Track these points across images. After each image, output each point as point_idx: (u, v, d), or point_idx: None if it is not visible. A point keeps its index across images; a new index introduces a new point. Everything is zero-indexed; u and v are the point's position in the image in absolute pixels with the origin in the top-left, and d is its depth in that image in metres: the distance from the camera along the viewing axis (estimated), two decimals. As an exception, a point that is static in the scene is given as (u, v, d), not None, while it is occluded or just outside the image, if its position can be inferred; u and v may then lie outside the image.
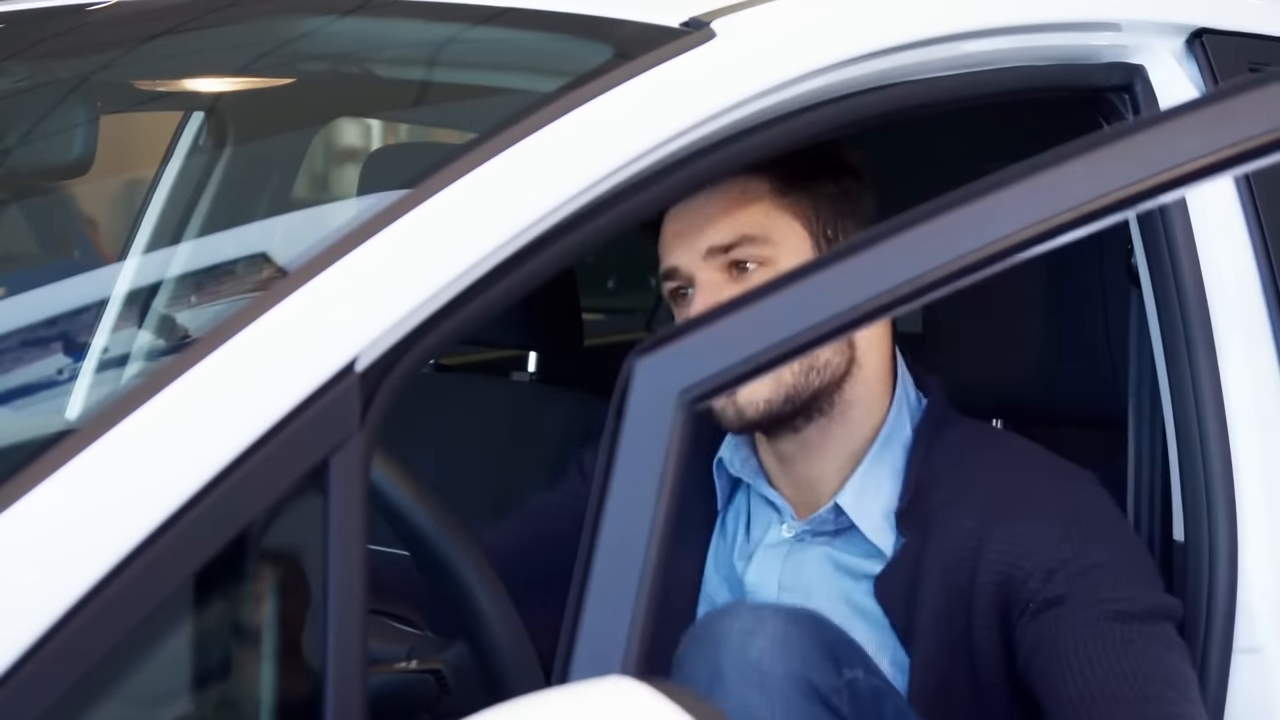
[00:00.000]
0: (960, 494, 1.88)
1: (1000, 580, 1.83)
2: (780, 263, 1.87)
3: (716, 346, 1.25)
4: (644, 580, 1.21)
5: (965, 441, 1.94)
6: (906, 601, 1.86)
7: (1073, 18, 1.90)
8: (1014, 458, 1.93)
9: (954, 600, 1.85)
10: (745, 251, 1.88)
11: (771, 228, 1.88)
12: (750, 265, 1.87)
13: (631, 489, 1.21)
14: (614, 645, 1.19)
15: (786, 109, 1.63)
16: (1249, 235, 1.89)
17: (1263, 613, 1.84)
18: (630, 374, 1.23)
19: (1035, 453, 1.95)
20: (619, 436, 1.22)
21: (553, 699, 1.19)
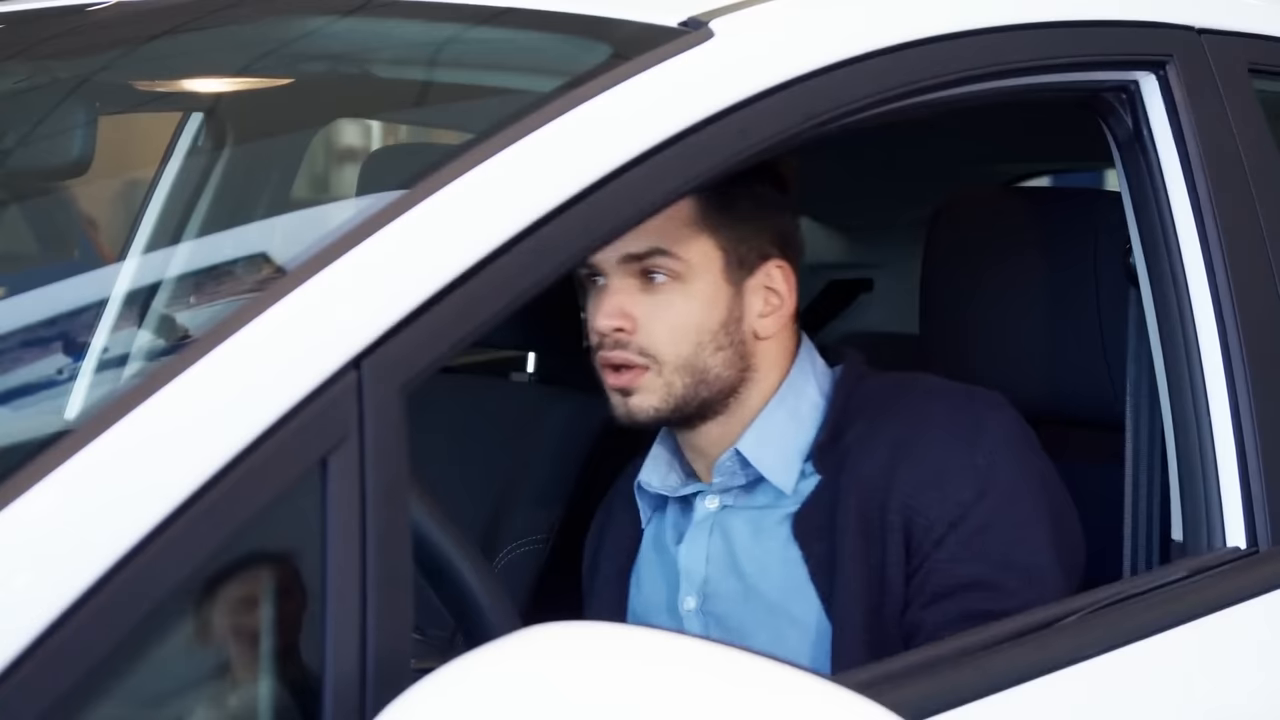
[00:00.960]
0: (871, 430, 1.96)
1: (904, 524, 1.92)
2: (690, 279, 1.95)
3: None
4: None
5: (886, 386, 2.03)
6: (825, 537, 1.94)
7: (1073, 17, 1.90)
8: (923, 392, 2.01)
9: (870, 534, 1.92)
10: (656, 262, 1.95)
11: (687, 244, 1.95)
12: (659, 277, 1.95)
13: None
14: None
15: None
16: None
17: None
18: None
19: (945, 386, 2.02)
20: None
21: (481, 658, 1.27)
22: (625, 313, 1.96)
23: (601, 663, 1.28)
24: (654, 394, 1.97)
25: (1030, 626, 1.68)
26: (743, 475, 2.02)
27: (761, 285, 2.00)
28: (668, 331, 1.95)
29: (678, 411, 1.98)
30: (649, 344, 1.96)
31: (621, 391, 1.98)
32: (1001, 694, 1.60)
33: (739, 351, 1.98)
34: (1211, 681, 1.80)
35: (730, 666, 1.31)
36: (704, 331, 1.96)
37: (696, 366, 1.96)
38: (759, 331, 2.00)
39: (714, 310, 1.96)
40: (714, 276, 1.96)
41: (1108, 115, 1.94)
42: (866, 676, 1.55)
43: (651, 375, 1.96)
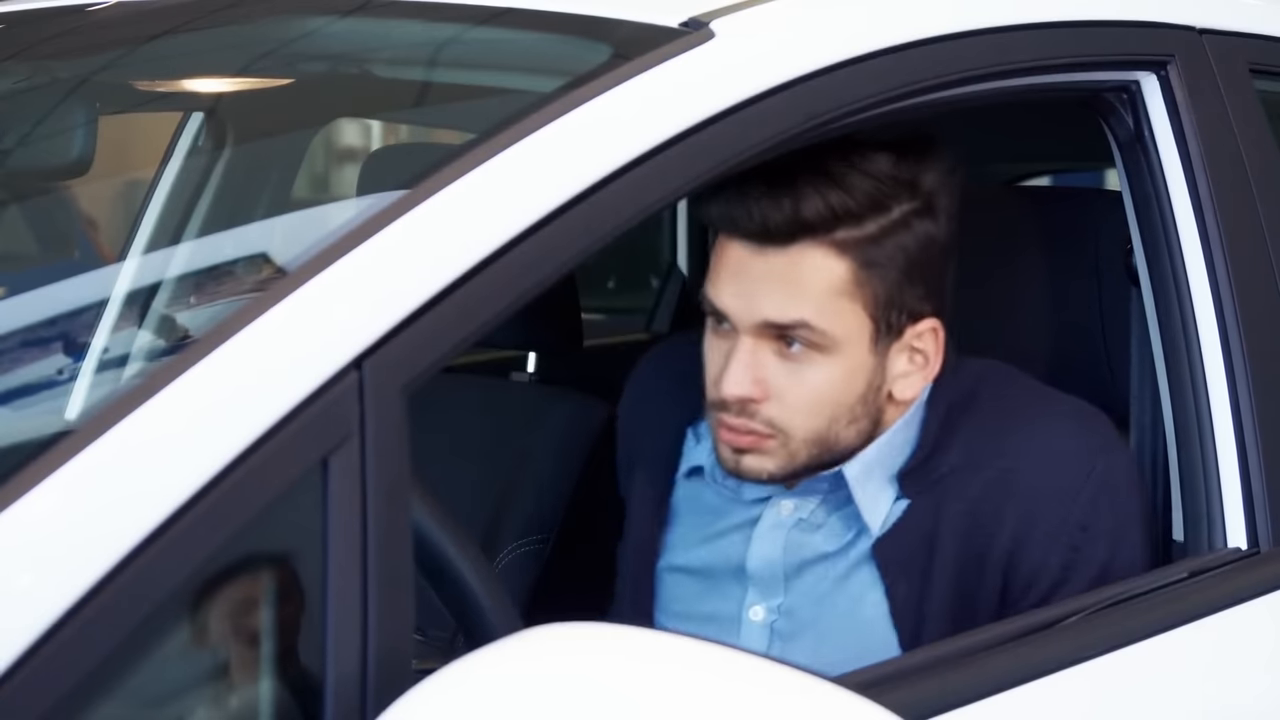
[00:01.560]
0: (970, 459, 1.82)
1: (1006, 568, 1.80)
2: (834, 351, 1.78)
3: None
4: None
5: (980, 395, 1.87)
6: (912, 575, 1.81)
7: (1074, 17, 1.90)
8: (1026, 416, 1.85)
9: (967, 576, 1.80)
10: (801, 335, 1.77)
11: (836, 320, 1.77)
12: (798, 345, 1.78)
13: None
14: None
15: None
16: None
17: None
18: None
19: (1047, 408, 1.87)
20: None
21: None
22: (758, 380, 1.78)
23: (602, 663, 1.28)
24: (773, 460, 1.81)
25: (1030, 627, 1.68)
26: (829, 484, 1.85)
27: (908, 346, 1.82)
28: (803, 404, 1.79)
29: (792, 477, 1.84)
30: (779, 416, 1.79)
31: (735, 449, 1.81)
32: (1002, 694, 1.60)
33: (872, 417, 1.83)
34: (1213, 682, 1.80)
35: (730, 666, 1.31)
36: (841, 405, 1.80)
37: (827, 439, 1.81)
38: (895, 394, 1.83)
39: (855, 382, 1.80)
40: (861, 347, 1.79)
41: (1109, 115, 1.94)
42: (866, 677, 1.55)
43: (776, 444, 1.80)
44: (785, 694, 1.30)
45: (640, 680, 1.27)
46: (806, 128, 1.65)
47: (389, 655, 1.31)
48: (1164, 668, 1.74)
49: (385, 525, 1.32)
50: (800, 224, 1.76)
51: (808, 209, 1.75)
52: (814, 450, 1.81)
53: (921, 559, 1.82)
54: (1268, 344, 1.89)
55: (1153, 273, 1.91)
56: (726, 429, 1.81)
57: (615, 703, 1.25)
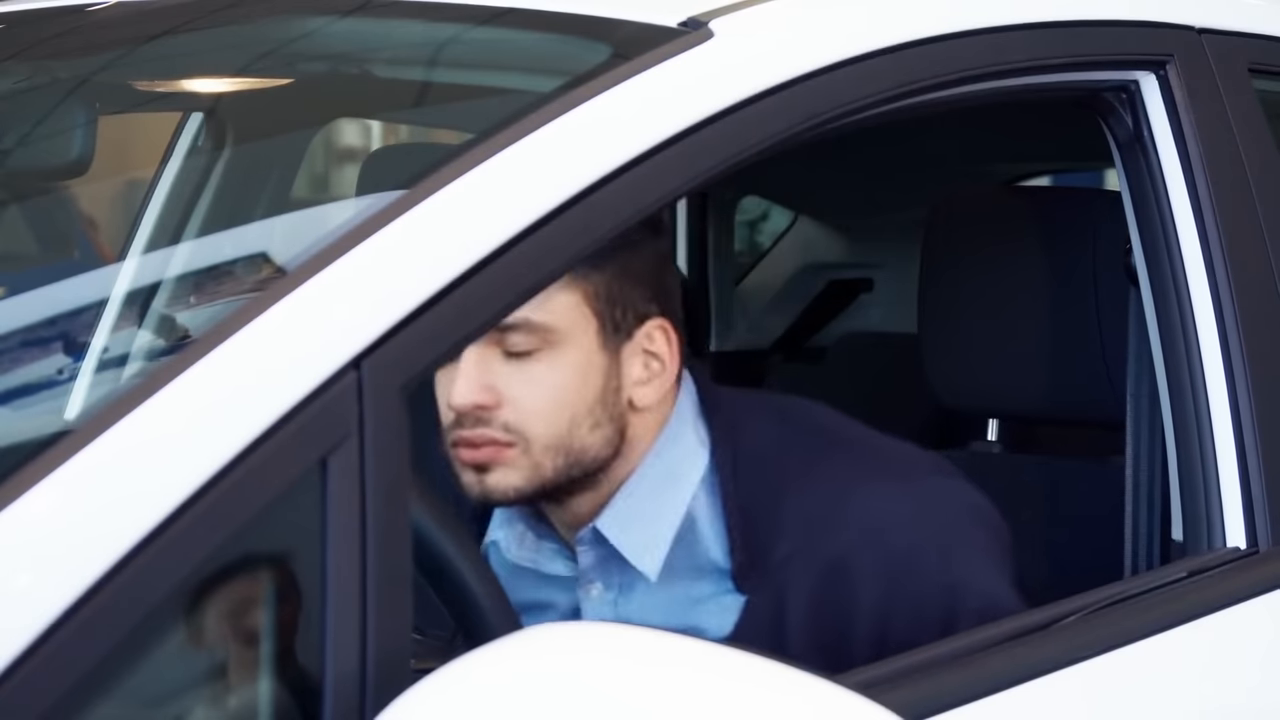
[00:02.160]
0: (807, 541, 1.75)
1: (879, 639, 1.73)
2: (561, 347, 1.73)
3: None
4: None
5: (779, 451, 1.79)
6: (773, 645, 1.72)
7: (1073, 17, 1.90)
8: (852, 479, 1.77)
9: (831, 646, 1.73)
10: (522, 338, 1.72)
11: (554, 312, 1.72)
12: (525, 347, 1.72)
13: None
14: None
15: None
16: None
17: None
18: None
19: (869, 463, 1.80)
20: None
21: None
22: (487, 386, 1.72)
23: (601, 663, 1.28)
24: (517, 473, 1.74)
25: (1030, 626, 1.68)
26: (605, 548, 1.79)
27: (640, 349, 1.77)
28: (537, 407, 1.72)
29: (541, 492, 1.76)
30: (516, 420, 1.73)
31: (477, 468, 1.74)
32: (1001, 694, 1.60)
33: (615, 427, 1.76)
34: (1211, 682, 1.80)
35: (730, 667, 1.31)
36: (579, 406, 1.74)
37: (571, 447, 1.74)
38: (636, 401, 1.77)
39: (589, 381, 1.74)
40: (588, 343, 1.74)
41: (1108, 115, 1.94)
42: (866, 676, 1.55)
43: (516, 453, 1.73)
44: (785, 694, 1.30)
45: (640, 680, 1.27)
46: (805, 127, 1.65)
47: (388, 655, 1.31)
48: (1162, 667, 1.74)
49: (384, 525, 1.32)
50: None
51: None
52: (559, 460, 1.74)
53: (776, 649, 1.68)
54: (1267, 344, 1.89)
55: (1152, 273, 1.91)
56: (464, 446, 1.74)
57: (614, 703, 1.25)
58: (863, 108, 1.69)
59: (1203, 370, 1.87)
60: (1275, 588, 1.84)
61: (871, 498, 1.77)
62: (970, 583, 1.77)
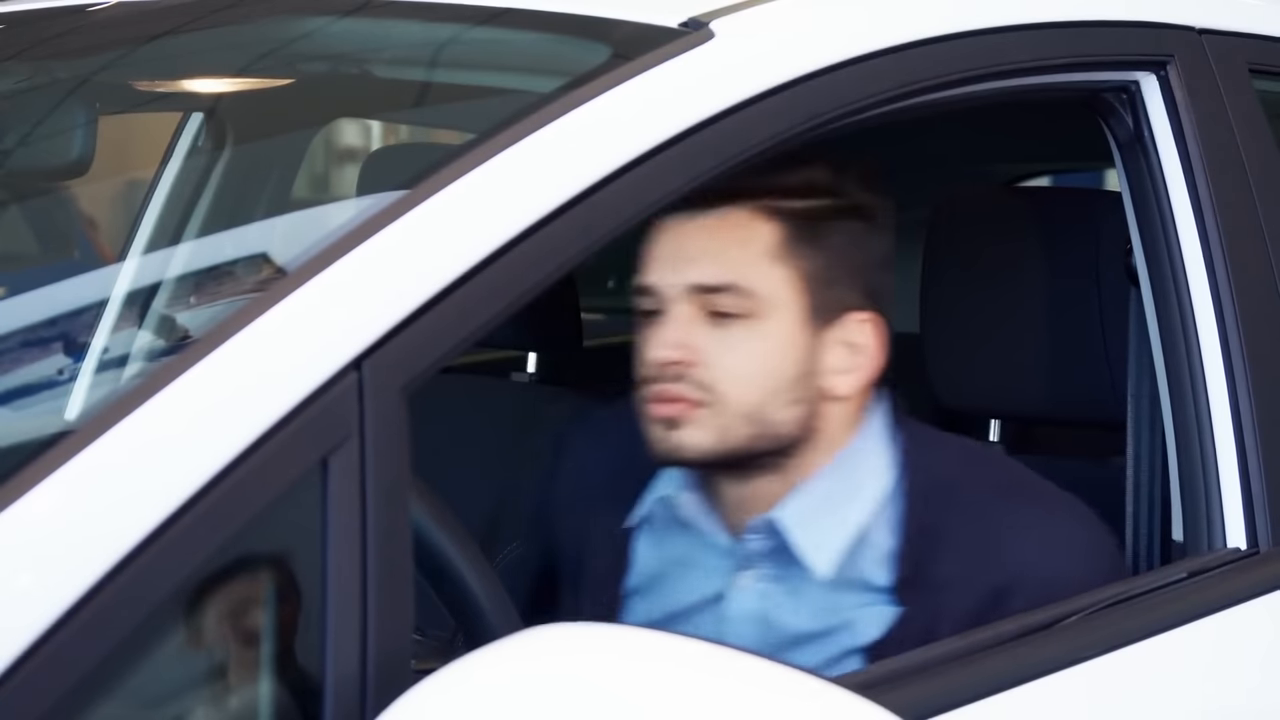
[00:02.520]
0: (968, 571, 1.77)
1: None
2: (764, 318, 1.76)
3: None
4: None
5: (959, 483, 1.81)
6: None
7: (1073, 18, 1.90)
8: (1023, 522, 1.80)
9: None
10: (729, 301, 1.75)
11: (765, 282, 1.76)
12: (732, 314, 1.75)
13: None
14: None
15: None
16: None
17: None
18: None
19: (1034, 501, 1.83)
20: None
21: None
22: (687, 344, 1.75)
23: (601, 663, 1.28)
24: (706, 433, 1.75)
25: (1030, 627, 1.68)
26: (775, 540, 1.80)
27: (842, 338, 1.79)
28: (734, 372, 1.75)
29: (726, 458, 1.77)
30: (710, 380, 1.75)
31: (668, 423, 1.76)
32: (1001, 694, 1.60)
33: (808, 410, 1.78)
34: (1212, 682, 1.80)
35: (730, 667, 1.31)
36: (774, 379, 1.76)
37: (762, 419, 1.76)
38: (832, 389, 1.79)
39: (787, 358, 1.76)
40: (791, 319, 1.76)
41: (1108, 115, 1.94)
42: (866, 677, 1.55)
43: (707, 413, 1.75)
44: (785, 694, 1.30)
45: (640, 680, 1.27)
46: (806, 128, 1.65)
47: (388, 655, 1.31)
48: (1163, 668, 1.74)
49: (385, 525, 1.32)
50: (731, 187, 1.73)
51: (740, 176, 1.69)
52: (748, 429, 1.76)
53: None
54: (1267, 344, 1.89)
55: (1152, 273, 1.91)
56: (657, 400, 1.76)
57: (614, 703, 1.25)
58: (863, 108, 1.69)
59: (1203, 370, 1.87)
60: (1276, 588, 1.84)
61: (1039, 543, 1.79)
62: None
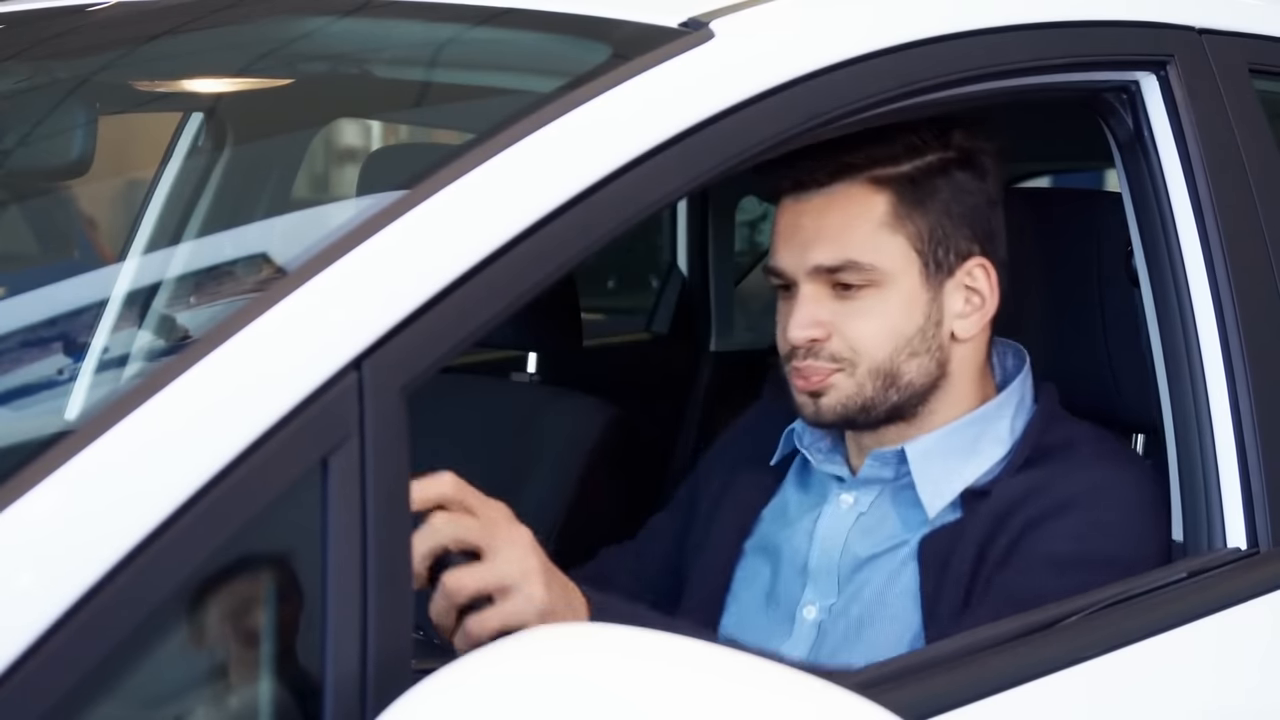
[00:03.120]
0: (1029, 496, 1.86)
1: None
2: (887, 285, 1.88)
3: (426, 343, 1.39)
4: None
5: (1071, 443, 1.92)
6: (945, 569, 1.86)
7: (1073, 18, 1.90)
8: (1097, 453, 1.91)
9: (977, 574, 1.85)
10: (851, 276, 1.88)
11: (881, 253, 1.88)
12: (854, 285, 1.89)
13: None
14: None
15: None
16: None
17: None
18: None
19: (1121, 454, 1.94)
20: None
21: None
22: (819, 321, 1.89)
23: (601, 664, 1.28)
24: (843, 393, 1.90)
25: (1030, 627, 1.68)
26: (892, 470, 1.94)
27: (962, 285, 1.92)
28: (864, 337, 1.89)
29: (864, 412, 1.91)
30: (843, 349, 1.89)
31: (812, 394, 1.91)
32: (1001, 694, 1.60)
33: (936, 357, 1.92)
34: (1212, 682, 1.80)
35: (730, 667, 1.31)
36: (900, 336, 1.89)
37: (891, 372, 1.90)
38: (957, 333, 1.93)
39: (911, 315, 1.90)
40: (911, 280, 1.90)
41: (1108, 115, 1.94)
42: (866, 677, 1.55)
43: (843, 376, 1.90)
44: (785, 694, 1.30)
45: (639, 681, 1.27)
46: (807, 127, 1.65)
47: (388, 655, 1.31)
48: (1163, 668, 1.74)
49: (385, 525, 1.32)
50: (837, 164, 1.87)
51: (843, 150, 1.85)
52: (879, 382, 1.89)
53: (953, 562, 1.86)
54: (1268, 344, 1.89)
55: (1152, 273, 1.91)
56: (799, 375, 1.91)
57: (614, 703, 1.25)
58: (863, 108, 1.69)
59: (1203, 370, 1.87)
60: (1275, 588, 1.84)
61: (1086, 473, 1.88)
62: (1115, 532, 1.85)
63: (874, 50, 1.70)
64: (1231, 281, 1.88)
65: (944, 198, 1.91)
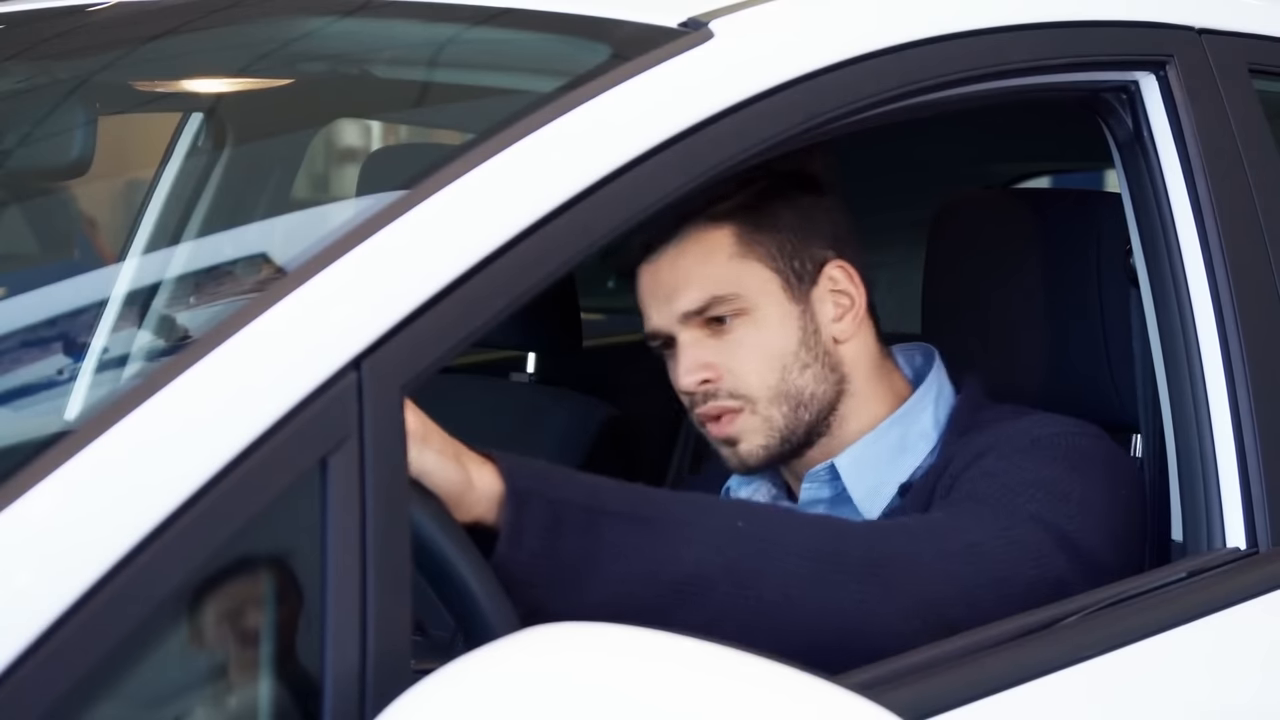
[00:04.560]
0: (960, 461, 1.89)
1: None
2: (755, 310, 1.91)
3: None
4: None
5: (996, 419, 1.95)
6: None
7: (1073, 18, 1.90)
8: (1021, 415, 1.94)
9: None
10: (718, 310, 1.91)
11: (739, 281, 1.91)
12: (727, 318, 1.91)
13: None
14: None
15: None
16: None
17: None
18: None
19: (1051, 415, 1.95)
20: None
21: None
22: (705, 364, 1.92)
23: (601, 663, 1.28)
24: (757, 433, 1.92)
25: (1030, 627, 1.68)
26: (829, 488, 1.96)
27: (827, 291, 1.95)
28: (750, 367, 1.91)
29: (786, 443, 1.93)
30: (736, 385, 1.91)
31: (727, 442, 1.93)
32: (1001, 694, 1.60)
33: (826, 364, 1.94)
34: (1211, 682, 1.80)
35: (730, 667, 1.31)
36: (785, 355, 1.92)
37: (789, 392, 1.92)
38: (837, 336, 1.95)
39: (788, 331, 1.92)
40: (777, 299, 1.92)
41: (1108, 115, 1.94)
42: (866, 677, 1.55)
43: (747, 415, 1.92)
44: (785, 694, 1.30)
45: (639, 680, 1.27)
46: (806, 128, 1.65)
47: (388, 655, 1.31)
48: (1163, 668, 1.74)
49: (385, 525, 1.32)
50: (676, 214, 1.89)
51: (679, 203, 1.76)
52: (784, 408, 1.92)
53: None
54: (1267, 345, 1.89)
55: (1152, 273, 1.91)
56: (708, 421, 1.93)
57: (614, 703, 1.25)
58: (863, 108, 1.69)
59: (1203, 370, 1.87)
60: (1275, 588, 1.84)
61: (1015, 425, 1.91)
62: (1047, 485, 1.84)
63: (874, 50, 1.70)
64: (1231, 281, 1.88)
65: (785, 216, 1.94)
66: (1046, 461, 1.86)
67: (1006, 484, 1.82)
